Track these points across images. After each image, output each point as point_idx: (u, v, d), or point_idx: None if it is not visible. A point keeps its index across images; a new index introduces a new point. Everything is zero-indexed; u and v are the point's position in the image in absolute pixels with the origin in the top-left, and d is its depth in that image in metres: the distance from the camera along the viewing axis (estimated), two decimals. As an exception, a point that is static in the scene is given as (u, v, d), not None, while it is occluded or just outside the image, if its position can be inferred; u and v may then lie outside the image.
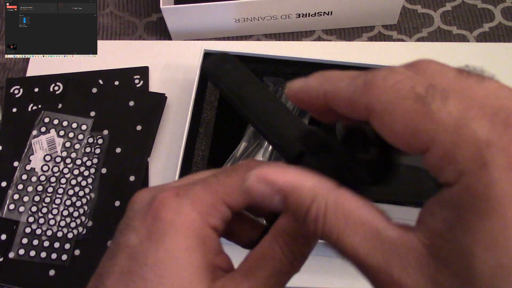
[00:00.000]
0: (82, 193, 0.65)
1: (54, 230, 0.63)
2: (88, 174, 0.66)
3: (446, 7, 0.83)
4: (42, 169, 0.66)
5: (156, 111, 0.70)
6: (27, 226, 0.63)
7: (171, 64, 0.75)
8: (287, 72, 0.66)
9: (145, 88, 0.73)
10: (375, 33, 0.81)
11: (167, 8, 0.74)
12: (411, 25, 0.82)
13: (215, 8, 0.74)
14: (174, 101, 0.72)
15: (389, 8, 0.78)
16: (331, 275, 0.61)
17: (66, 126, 0.69)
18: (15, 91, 0.73)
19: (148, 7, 0.85)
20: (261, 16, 0.77)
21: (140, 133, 0.69)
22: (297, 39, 0.81)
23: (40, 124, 0.69)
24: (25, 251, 0.62)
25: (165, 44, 0.79)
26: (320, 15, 0.78)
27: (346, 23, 0.81)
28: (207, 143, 0.66)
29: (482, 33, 0.81)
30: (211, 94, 0.67)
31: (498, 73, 0.75)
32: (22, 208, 0.64)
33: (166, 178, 0.67)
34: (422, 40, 0.80)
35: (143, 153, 0.68)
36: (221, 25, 0.78)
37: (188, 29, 0.78)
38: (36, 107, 0.71)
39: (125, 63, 0.75)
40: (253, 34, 0.81)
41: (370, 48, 0.75)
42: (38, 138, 0.68)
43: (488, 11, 0.83)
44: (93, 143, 0.68)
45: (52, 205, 0.64)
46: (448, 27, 0.82)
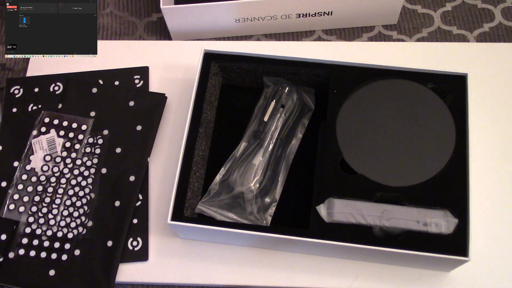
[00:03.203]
0: (82, 193, 0.65)
1: (54, 230, 0.63)
2: (88, 174, 0.66)
3: (446, 7, 0.83)
4: (42, 169, 0.66)
5: (156, 111, 0.70)
6: (27, 226, 0.63)
7: (171, 64, 0.75)
8: (287, 72, 0.66)
9: (145, 88, 0.73)
10: (375, 33, 0.81)
11: (167, 8, 0.74)
12: (411, 25, 0.82)
13: (215, 8, 0.74)
14: (174, 101, 0.72)
15: (389, 8, 0.78)
16: (331, 275, 0.61)
17: (66, 126, 0.69)
18: (15, 91, 0.73)
19: (148, 7, 0.85)
20: (261, 16, 0.77)
21: (140, 133, 0.69)
22: (297, 39, 0.81)
23: (40, 124, 0.69)
24: (25, 251, 0.62)
25: (165, 44, 0.79)
26: (320, 15, 0.78)
27: (346, 23, 0.81)
28: (207, 143, 0.66)
29: (482, 33, 0.81)
30: (211, 94, 0.67)
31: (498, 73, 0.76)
32: (22, 208, 0.64)
33: (166, 178, 0.67)
34: (422, 40, 0.80)
35: (143, 153, 0.67)
36: (221, 25, 0.78)
37: (188, 29, 0.78)
38: (36, 107, 0.71)
39: (125, 63, 0.75)
40: (253, 34, 0.81)
41: (370, 48, 0.75)
42: (38, 138, 0.68)
43: (488, 11, 0.83)
44: (93, 143, 0.68)
45: (52, 205, 0.64)
46: (448, 27, 0.82)
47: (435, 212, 0.56)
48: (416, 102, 0.63)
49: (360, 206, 0.57)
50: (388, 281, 0.60)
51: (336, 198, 0.57)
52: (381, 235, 0.56)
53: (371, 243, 0.54)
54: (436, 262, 0.57)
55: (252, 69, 0.67)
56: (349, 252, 0.59)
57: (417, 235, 0.55)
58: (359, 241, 0.55)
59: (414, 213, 0.56)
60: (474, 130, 0.67)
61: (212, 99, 0.68)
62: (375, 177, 0.58)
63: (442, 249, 0.54)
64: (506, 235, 0.63)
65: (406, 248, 0.54)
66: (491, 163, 0.67)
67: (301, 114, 0.68)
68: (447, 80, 0.63)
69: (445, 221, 0.56)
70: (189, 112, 0.63)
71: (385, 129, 0.62)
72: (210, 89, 0.66)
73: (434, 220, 0.56)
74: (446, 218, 0.56)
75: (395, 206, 0.57)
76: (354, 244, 0.54)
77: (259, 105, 0.68)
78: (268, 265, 0.62)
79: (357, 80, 0.64)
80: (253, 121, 0.67)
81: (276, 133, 0.66)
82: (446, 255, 0.54)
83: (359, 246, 0.54)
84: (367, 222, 0.56)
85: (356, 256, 0.60)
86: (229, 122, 0.69)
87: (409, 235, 0.55)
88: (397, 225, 0.56)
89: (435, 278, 0.60)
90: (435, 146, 0.60)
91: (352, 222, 0.56)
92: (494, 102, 0.70)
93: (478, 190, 0.64)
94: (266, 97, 0.68)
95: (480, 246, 0.61)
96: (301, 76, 0.67)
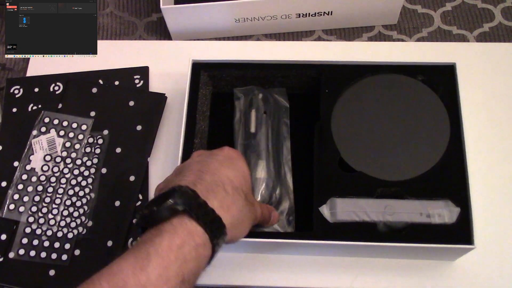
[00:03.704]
0: (82, 193, 0.65)
1: (54, 230, 0.63)
2: (88, 174, 0.66)
3: (446, 7, 0.83)
4: (42, 169, 0.66)
5: (156, 111, 0.70)
6: (27, 226, 0.63)
7: (171, 64, 0.75)
8: (277, 76, 0.66)
9: (145, 88, 0.73)
10: (375, 33, 0.81)
11: (167, 8, 0.74)
12: (411, 25, 0.82)
13: (215, 8, 0.74)
14: (174, 101, 0.72)
15: (389, 8, 0.78)
16: (331, 275, 0.61)
17: (66, 126, 0.69)
18: (15, 91, 0.73)
19: (148, 7, 0.85)
20: (261, 16, 0.77)
21: (140, 133, 0.69)
22: (297, 39, 0.81)
23: (40, 124, 0.69)
24: (25, 251, 0.62)
25: (165, 44, 0.79)
26: (320, 15, 0.78)
27: (346, 23, 0.81)
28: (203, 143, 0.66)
29: (482, 33, 0.81)
30: (202, 104, 0.66)
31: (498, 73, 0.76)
32: (22, 208, 0.64)
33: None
34: (422, 40, 0.80)
35: (143, 153, 0.67)
36: (221, 25, 0.78)
37: (188, 29, 0.78)
38: (36, 107, 0.71)
39: (125, 63, 0.75)
40: (253, 34, 0.81)
41: (370, 48, 0.75)
42: (38, 138, 0.68)
43: (488, 11, 0.83)
44: (93, 143, 0.68)
45: (52, 205, 0.64)
46: (448, 27, 0.82)
47: (437, 203, 0.56)
48: (408, 96, 0.63)
49: (362, 204, 0.57)
50: (393, 274, 0.60)
51: (338, 198, 0.57)
52: (385, 230, 0.56)
53: (376, 239, 0.55)
54: (442, 252, 0.57)
55: (241, 76, 0.67)
56: (355, 250, 0.59)
57: (421, 227, 0.55)
58: (364, 238, 0.55)
59: (416, 205, 0.56)
60: (472, 130, 0.67)
61: (204, 109, 0.67)
62: (374, 173, 0.59)
63: (447, 239, 0.54)
64: (509, 221, 0.62)
65: (411, 242, 0.54)
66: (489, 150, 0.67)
67: (281, 114, 0.67)
68: (436, 71, 0.63)
69: (448, 210, 0.56)
70: (183, 124, 0.62)
71: (380, 124, 0.62)
72: (201, 99, 0.65)
73: (436, 211, 0.56)
74: (448, 208, 0.56)
75: (397, 201, 0.57)
76: (361, 242, 0.54)
77: (237, 120, 0.67)
78: (268, 265, 0.61)
79: (347, 78, 0.64)
80: (238, 136, 0.66)
81: (269, 141, 0.65)
82: (451, 245, 0.54)
83: (365, 244, 0.54)
84: (370, 219, 0.56)
85: (361, 253, 0.60)
86: (222, 130, 0.69)
87: (413, 228, 0.55)
88: (400, 219, 0.56)
89: (440, 268, 0.60)
90: (430, 137, 0.60)
91: (355, 220, 0.56)
92: (494, 102, 0.70)
93: (477, 178, 0.64)
94: (241, 109, 0.67)
95: (483, 234, 0.60)
96: (292, 78, 0.67)
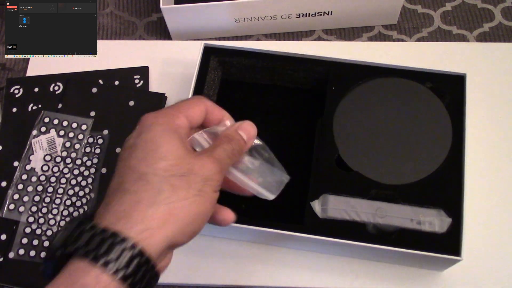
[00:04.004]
0: (82, 193, 0.65)
1: (54, 230, 0.63)
2: (88, 174, 0.66)
3: (446, 7, 0.83)
4: (42, 169, 0.66)
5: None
6: (27, 226, 0.63)
7: (171, 64, 0.75)
8: (286, 69, 0.66)
9: (145, 88, 0.73)
10: (375, 33, 0.81)
11: (167, 8, 0.74)
12: (411, 25, 0.82)
13: (215, 8, 0.74)
14: (174, 100, 0.71)
15: (389, 8, 0.78)
16: (331, 274, 0.61)
17: (66, 126, 0.69)
18: (15, 91, 0.73)
19: (148, 7, 0.85)
20: (261, 16, 0.77)
21: (140, 133, 0.69)
22: (297, 39, 0.81)
23: (40, 124, 0.69)
24: (25, 251, 0.62)
25: (165, 44, 0.79)
26: (320, 15, 0.78)
27: (346, 23, 0.81)
28: None
29: (482, 33, 0.81)
30: (209, 88, 0.66)
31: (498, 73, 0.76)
32: (22, 208, 0.64)
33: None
34: (422, 40, 0.80)
35: (143, 153, 0.67)
36: (221, 25, 0.78)
37: (188, 29, 0.78)
38: (36, 107, 0.71)
39: (125, 63, 0.75)
40: (253, 34, 0.81)
41: (370, 48, 0.75)
42: (38, 138, 0.68)
43: (488, 11, 0.83)
44: (93, 143, 0.68)
45: (52, 205, 0.64)
46: (448, 27, 0.82)
47: (429, 211, 0.56)
48: (414, 101, 0.63)
49: (355, 203, 0.57)
50: (379, 280, 0.60)
51: (331, 195, 0.57)
52: (374, 232, 0.56)
53: (364, 240, 0.54)
54: (429, 261, 0.57)
55: (251, 65, 0.67)
56: (343, 249, 0.59)
57: (411, 233, 0.55)
58: (352, 237, 0.54)
59: (408, 211, 0.56)
60: (472, 130, 0.67)
61: (210, 93, 0.67)
62: (370, 175, 0.58)
63: (435, 248, 0.54)
64: (500, 235, 0.62)
65: (399, 246, 0.54)
66: (487, 163, 0.67)
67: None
68: (445, 80, 0.63)
69: (439, 220, 0.56)
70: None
71: (382, 127, 0.62)
72: (208, 83, 0.66)
73: (427, 219, 0.56)
74: (440, 217, 0.56)
75: (389, 204, 0.57)
76: (347, 240, 0.54)
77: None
78: (268, 265, 0.62)
79: (355, 78, 0.64)
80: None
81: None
82: (438, 254, 0.53)
83: (351, 243, 0.54)
84: (360, 219, 0.56)
85: (349, 253, 0.60)
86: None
87: (402, 233, 0.55)
88: (390, 222, 0.56)
89: (428, 277, 0.60)
90: (431, 145, 0.60)
91: (346, 219, 0.56)
92: (494, 102, 0.70)
93: (473, 190, 0.64)
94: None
95: (473, 246, 0.60)
96: (300, 73, 0.67)
